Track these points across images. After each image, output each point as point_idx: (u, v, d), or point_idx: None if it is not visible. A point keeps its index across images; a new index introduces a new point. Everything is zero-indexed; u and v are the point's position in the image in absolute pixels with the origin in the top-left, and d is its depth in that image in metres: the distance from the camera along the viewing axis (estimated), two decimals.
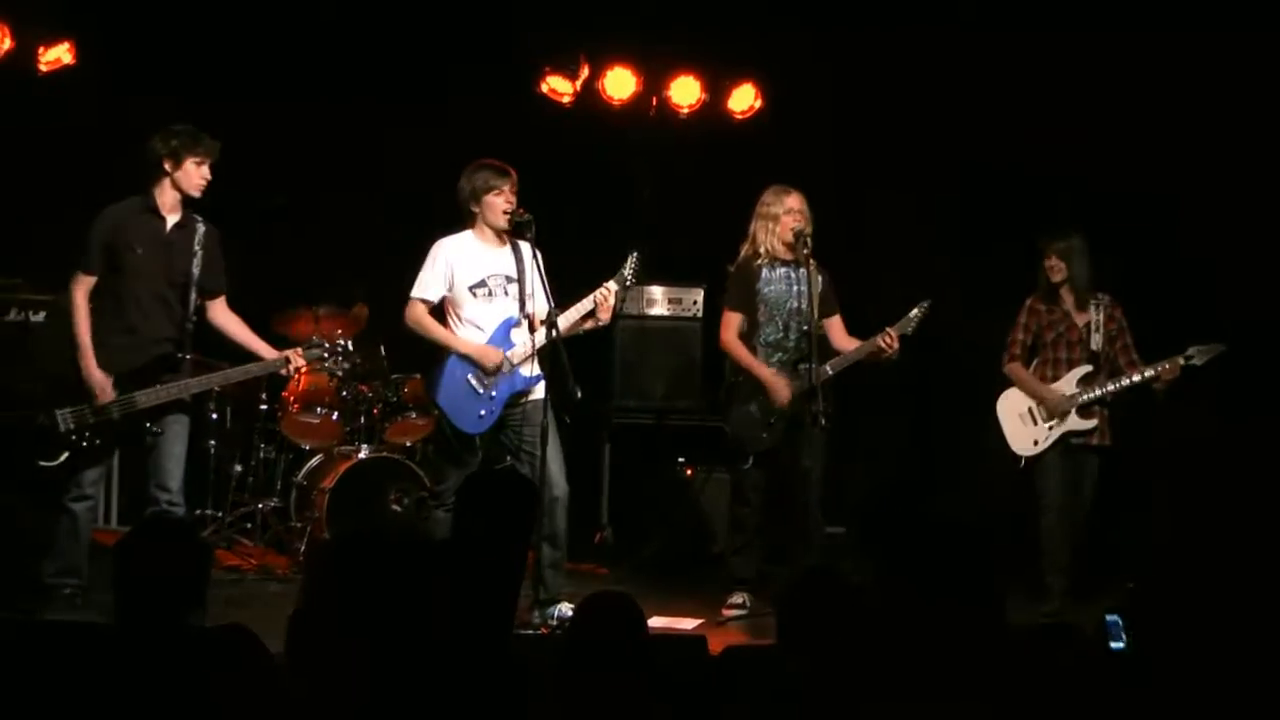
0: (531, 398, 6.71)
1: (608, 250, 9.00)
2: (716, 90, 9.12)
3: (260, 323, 7.01)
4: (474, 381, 6.69)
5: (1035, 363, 7.36)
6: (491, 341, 6.72)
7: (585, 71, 8.98)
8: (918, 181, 9.00)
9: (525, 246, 6.71)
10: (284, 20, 8.58)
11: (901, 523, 4.39)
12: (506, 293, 6.74)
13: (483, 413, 6.69)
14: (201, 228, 6.46)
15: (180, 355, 6.40)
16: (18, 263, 7.97)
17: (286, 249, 8.49)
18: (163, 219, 6.40)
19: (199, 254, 6.41)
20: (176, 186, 6.37)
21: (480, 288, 6.73)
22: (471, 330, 6.74)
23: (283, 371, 6.70)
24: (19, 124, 8.32)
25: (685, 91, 9.11)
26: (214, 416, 8.40)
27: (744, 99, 9.13)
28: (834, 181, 8.09)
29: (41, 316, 7.70)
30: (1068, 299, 7.29)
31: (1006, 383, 7.38)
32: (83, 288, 6.34)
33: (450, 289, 6.74)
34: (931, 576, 3.87)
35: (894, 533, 4.34)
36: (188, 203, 6.44)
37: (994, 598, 4.02)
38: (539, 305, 6.64)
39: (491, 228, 6.74)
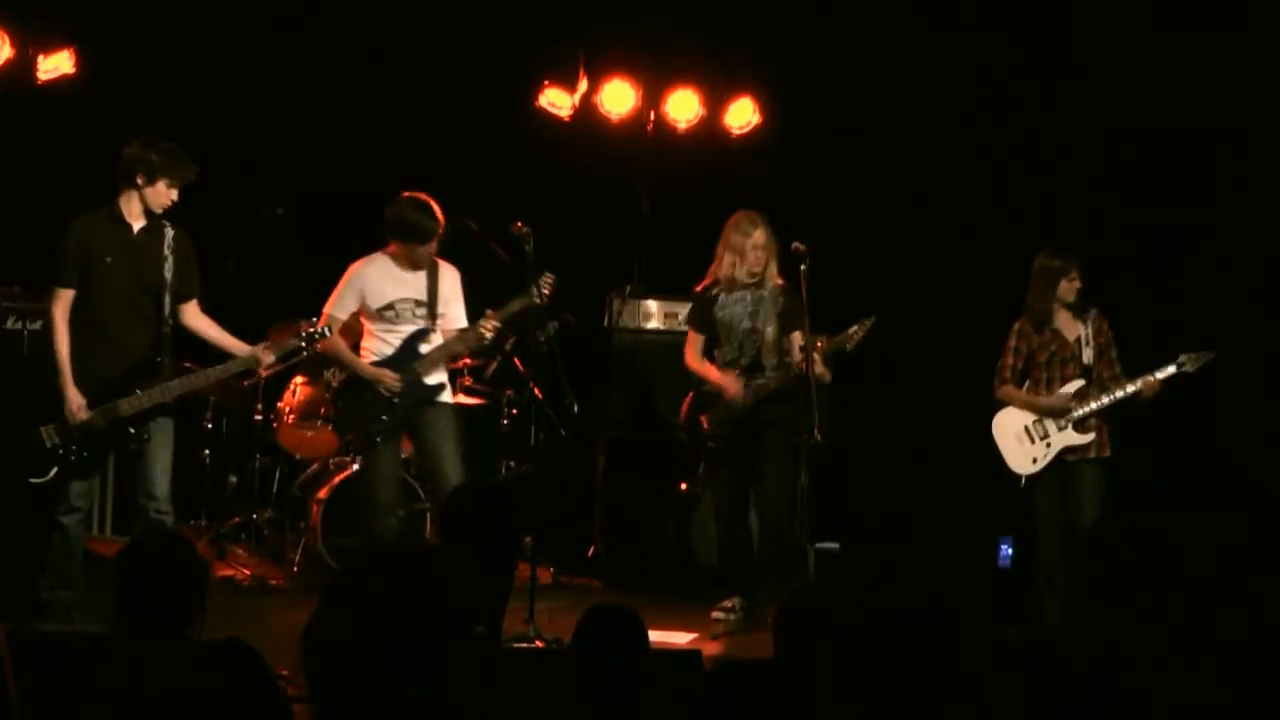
0: (439, 400, 7.07)
1: (605, 264, 9.05)
2: (715, 105, 9.12)
3: (260, 335, 7.02)
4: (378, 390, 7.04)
5: (1027, 384, 7.34)
6: (398, 355, 7.01)
7: (584, 83, 8.98)
8: (916, 197, 9.00)
9: (443, 266, 7.05)
10: (281, 34, 8.59)
11: None
12: (415, 314, 7.03)
13: (384, 416, 6.99)
14: (170, 232, 6.45)
15: (159, 360, 6.41)
16: (16, 271, 7.96)
17: (285, 261, 8.49)
18: (129, 225, 6.40)
19: (169, 258, 6.42)
20: (143, 201, 6.38)
21: (388, 310, 7.01)
22: (379, 344, 7.05)
23: (260, 371, 6.74)
24: (18, 132, 8.32)
25: (683, 106, 9.11)
26: (209, 427, 8.42)
27: (742, 114, 9.12)
28: (830, 197, 8.10)
29: (39, 325, 7.68)
30: (1061, 317, 7.29)
31: (997, 406, 7.36)
32: (61, 303, 6.35)
33: (361, 308, 7.04)
34: None
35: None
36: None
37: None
38: (451, 323, 7.05)
39: (409, 260, 6.99)
